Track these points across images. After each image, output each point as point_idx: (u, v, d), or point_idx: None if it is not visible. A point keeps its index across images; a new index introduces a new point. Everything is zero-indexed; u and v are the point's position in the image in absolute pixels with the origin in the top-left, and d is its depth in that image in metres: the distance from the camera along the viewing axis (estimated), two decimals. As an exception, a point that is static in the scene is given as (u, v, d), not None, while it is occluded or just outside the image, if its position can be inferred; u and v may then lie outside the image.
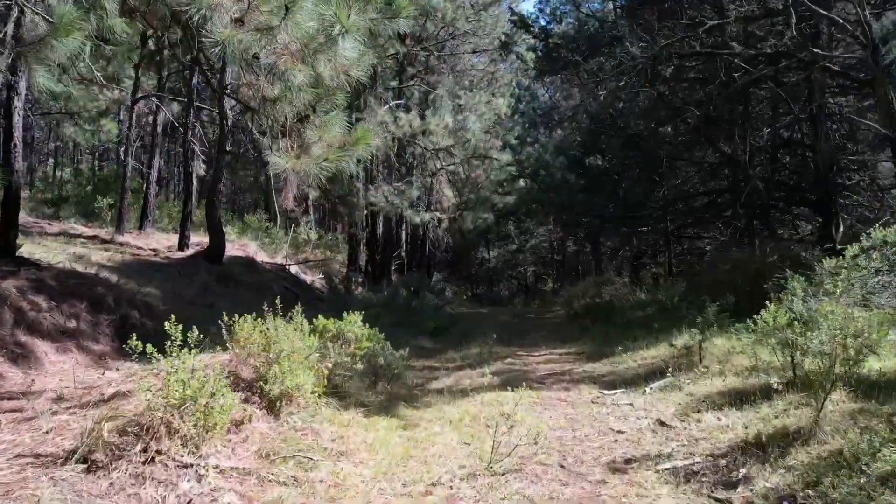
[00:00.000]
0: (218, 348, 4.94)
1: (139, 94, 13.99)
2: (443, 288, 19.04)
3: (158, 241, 13.83)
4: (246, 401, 4.39)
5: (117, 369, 5.78)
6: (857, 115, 13.36)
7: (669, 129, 14.76)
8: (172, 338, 3.47)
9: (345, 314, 5.59)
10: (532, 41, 17.85)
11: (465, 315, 16.02)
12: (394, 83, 19.09)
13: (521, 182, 18.87)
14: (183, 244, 13.09)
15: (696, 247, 19.66)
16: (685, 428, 4.51)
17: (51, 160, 30.04)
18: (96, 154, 28.39)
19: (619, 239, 20.35)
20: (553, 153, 20.58)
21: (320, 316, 5.69)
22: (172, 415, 3.27)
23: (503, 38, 17.22)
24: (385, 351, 5.97)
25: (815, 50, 8.66)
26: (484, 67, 21.41)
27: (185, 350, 3.62)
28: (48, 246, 10.58)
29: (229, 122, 13.93)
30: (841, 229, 11.70)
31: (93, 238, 12.72)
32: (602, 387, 6.14)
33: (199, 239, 13.82)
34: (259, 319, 4.85)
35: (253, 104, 4.23)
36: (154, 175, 14.77)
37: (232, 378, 4.52)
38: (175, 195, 25.83)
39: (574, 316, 13.20)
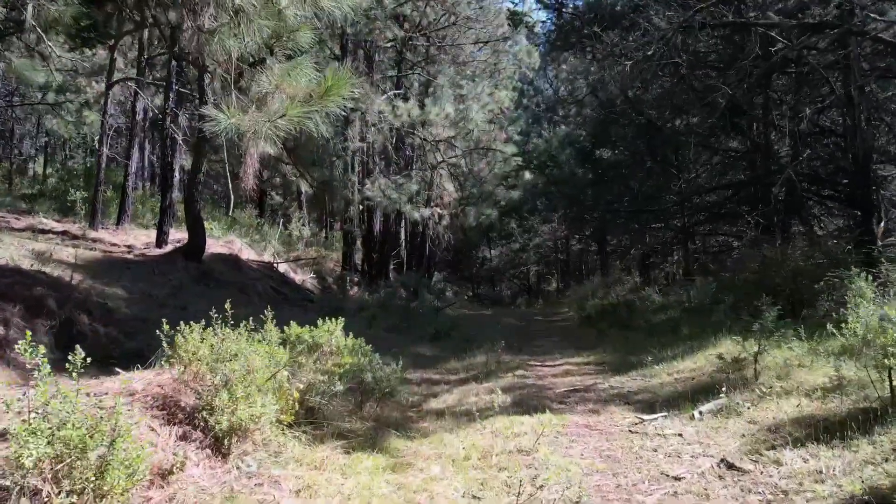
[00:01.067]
0: (165, 364, 3.92)
1: (115, 79, 12.92)
2: (443, 288, 18.01)
3: (136, 238, 12.77)
4: (183, 437, 3.33)
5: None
6: (885, 102, 12.26)
7: (689, 116, 13.62)
8: (40, 362, 2.41)
9: (320, 321, 4.52)
10: (543, 14, 16.67)
11: (467, 317, 14.94)
12: (392, 72, 18.06)
13: (527, 175, 17.75)
14: (161, 240, 12.05)
15: (711, 244, 18.53)
16: (762, 472, 3.43)
17: (39, 156, 28.98)
18: (87, 150, 27.36)
19: (629, 236, 19.16)
20: (559, 147, 19.49)
21: (293, 323, 4.63)
22: (40, 479, 2.20)
23: (511, 5, 16.03)
24: (373, 364, 4.90)
25: (873, 15, 7.60)
26: (486, 58, 20.31)
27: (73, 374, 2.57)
28: (4, 241, 9.52)
29: (211, 108, 12.81)
30: (882, 224, 10.65)
31: (63, 233, 11.65)
32: (638, 409, 5.06)
33: (180, 235, 12.76)
34: (209, 329, 3.81)
35: (185, 44, 3.17)
36: (133, 167, 13.70)
37: (168, 407, 3.48)
38: (165, 190, 24.75)
39: (587, 319, 12.14)
